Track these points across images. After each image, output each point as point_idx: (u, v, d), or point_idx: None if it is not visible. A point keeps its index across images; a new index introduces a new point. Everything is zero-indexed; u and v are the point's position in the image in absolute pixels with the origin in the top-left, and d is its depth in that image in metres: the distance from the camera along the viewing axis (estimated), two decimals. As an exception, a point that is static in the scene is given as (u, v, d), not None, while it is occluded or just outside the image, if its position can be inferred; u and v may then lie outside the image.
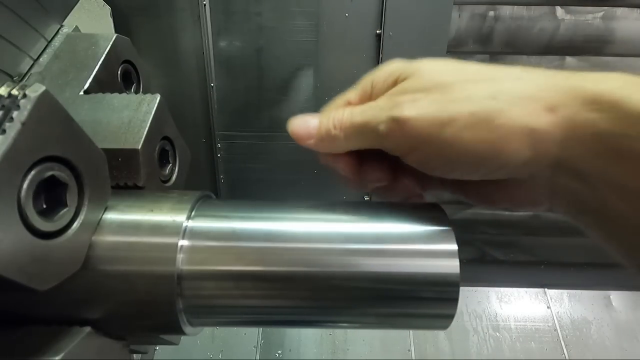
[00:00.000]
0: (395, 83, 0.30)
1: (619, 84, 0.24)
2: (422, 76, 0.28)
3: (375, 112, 0.29)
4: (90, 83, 0.36)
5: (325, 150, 0.32)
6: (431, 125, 0.26)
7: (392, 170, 0.33)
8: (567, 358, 1.18)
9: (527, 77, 0.27)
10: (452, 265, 0.27)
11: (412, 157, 0.29)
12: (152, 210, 0.29)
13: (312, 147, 0.32)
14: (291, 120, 0.33)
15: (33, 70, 0.38)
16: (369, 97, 0.32)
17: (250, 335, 1.19)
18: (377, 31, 0.94)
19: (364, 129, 0.29)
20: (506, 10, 0.95)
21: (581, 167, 0.25)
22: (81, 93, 0.36)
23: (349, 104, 0.33)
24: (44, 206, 0.24)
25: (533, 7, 0.94)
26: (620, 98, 0.23)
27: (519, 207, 0.30)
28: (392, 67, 0.31)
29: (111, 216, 0.28)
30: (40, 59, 0.39)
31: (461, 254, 0.27)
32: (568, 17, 0.94)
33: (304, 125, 0.33)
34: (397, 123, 0.27)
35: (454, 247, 0.28)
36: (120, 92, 0.37)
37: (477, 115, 0.25)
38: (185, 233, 0.28)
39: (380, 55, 0.96)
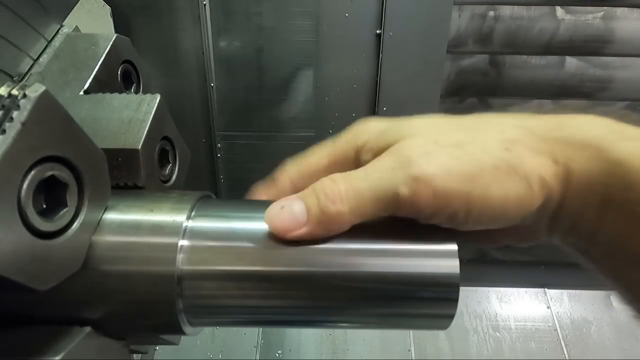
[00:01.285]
0: (392, 143, 0.27)
1: (602, 131, 0.25)
2: (427, 134, 0.27)
3: (385, 173, 0.25)
4: (90, 83, 0.36)
5: (325, 233, 0.27)
6: (459, 181, 0.25)
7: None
8: (567, 358, 1.18)
9: (528, 124, 0.27)
10: (452, 265, 0.27)
11: (437, 218, 0.26)
12: (152, 210, 0.29)
13: (306, 236, 0.27)
14: (267, 213, 0.27)
15: (33, 70, 0.38)
16: (352, 161, 0.29)
17: (250, 335, 1.19)
18: (377, 31, 0.94)
19: (379, 199, 0.25)
20: (506, 10, 0.94)
21: (576, 212, 0.26)
22: (81, 93, 0.36)
23: (324, 169, 0.29)
24: (44, 206, 0.24)
25: (533, 7, 0.94)
26: (603, 146, 0.24)
27: (519, 243, 0.31)
28: (384, 127, 0.28)
29: (111, 216, 0.28)
30: (40, 59, 0.39)
31: (461, 254, 0.27)
32: (568, 17, 0.94)
33: (287, 213, 0.27)
34: (421, 182, 0.24)
35: (454, 247, 0.28)
36: (120, 92, 0.37)
37: (500, 168, 0.25)
38: (185, 233, 0.28)
39: (380, 55, 0.96)
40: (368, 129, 0.29)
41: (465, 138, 0.26)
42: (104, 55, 0.38)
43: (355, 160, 0.29)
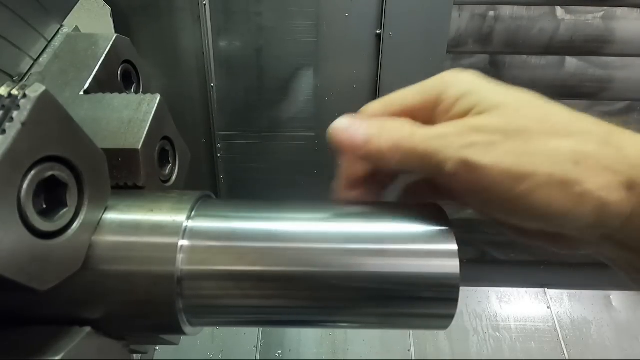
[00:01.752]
0: (468, 111, 0.27)
1: None
2: (503, 115, 0.26)
3: (444, 144, 0.26)
4: (90, 83, 0.36)
5: (367, 161, 0.30)
6: (504, 177, 0.25)
7: (430, 190, 0.32)
8: (567, 358, 1.18)
9: (614, 141, 0.25)
10: (452, 265, 0.27)
11: (471, 200, 0.27)
12: (152, 210, 0.29)
13: (355, 157, 0.29)
14: (335, 123, 0.29)
15: (33, 70, 0.38)
16: (431, 111, 0.29)
17: (250, 335, 1.19)
18: (377, 31, 0.94)
19: (425, 160, 0.27)
20: (506, 10, 0.94)
21: (633, 241, 0.25)
22: (81, 93, 0.36)
23: (404, 112, 0.30)
24: (44, 206, 0.24)
25: (533, 7, 0.94)
26: None
27: (555, 248, 0.30)
28: (468, 89, 0.28)
29: (111, 216, 0.28)
30: (40, 59, 0.39)
31: (461, 254, 0.27)
32: (568, 17, 0.94)
33: (351, 132, 0.29)
34: (468, 166, 0.25)
35: (454, 247, 0.28)
36: (120, 92, 0.37)
37: (556, 177, 0.24)
38: (185, 233, 0.28)
39: (380, 55, 0.96)
40: (459, 87, 0.29)
41: (536, 136, 0.25)
42: (104, 55, 0.38)
43: (431, 110, 0.30)
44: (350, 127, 0.29)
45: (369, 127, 0.29)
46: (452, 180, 0.26)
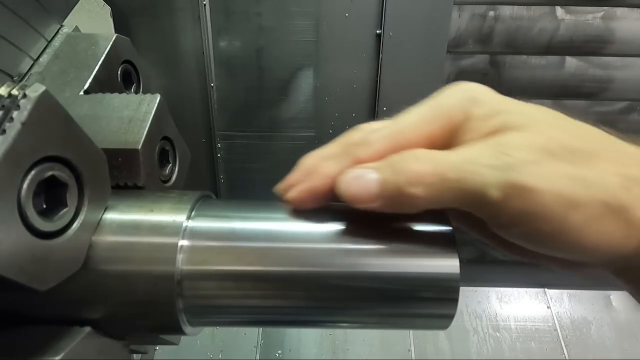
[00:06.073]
0: (499, 130, 0.24)
1: None
2: (540, 132, 0.23)
3: (480, 168, 0.22)
4: (90, 83, 0.36)
5: (394, 211, 0.25)
6: (560, 204, 0.21)
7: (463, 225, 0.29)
8: (567, 358, 1.18)
9: None
10: (452, 265, 0.27)
11: (514, 230, 0.23)
12: (152, 210, 0.29)
13: (374, 209, 0.25)
14: (341, 178, 0.25)
15: (33, 70, 0.38)
16: (455, 132, 0.25)
17: (250, 335, 1.19)
18: (377, 31, 0.94)
19: (461, 190, 0.23)
20: (506, 10, 0.94)
21: None
22: (81, 93, 0.36)
23: (419, 143, 0.25)
24: (44, 206, 0.24)
25: (533, 7, 0.94)
26: None
27: (561, 270, 0.28)
28: (498, 107, 0.24)
29: (111, 216, 0.28)
30: (40, 59, 0.39)
31: (461, 254, 0.27)
32: (568, 17, 0.94)
33: (361, 183, 0.25)
34: (518, 191, 0.22)
35: (454, 247, 0.28)
36: (120, 92, 0.37)
37: (610, 206, 0.22)
38: (185, 233, 0.28)
39: (380, 55, 0.96)
40: (476, 102, 0.25)
41: (582, 156, 0.22)
42: (104, 55, 0.38)
43: (452, 133, 0.26)
44: (361, 176, 0.25)
45: (379, 169, 0.25)
46: (499, 211, 0.22)
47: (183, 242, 0.28)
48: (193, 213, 0.29)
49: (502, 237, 0.25)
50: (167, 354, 1.14)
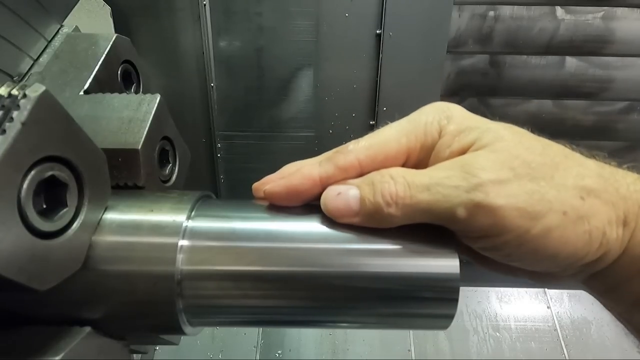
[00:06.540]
0: (469, 147, 0.26)
1: None
2: (505, 150, 0.25)
3: (448, 190, 0.25)
4: (90, 83, 0.36)
5: (374, 226, 0.27)
6: (521, 217, 0.24)
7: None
8: (567, 358, 1.18)
9: (606, 174, 0.25)
10: (452, 265, 0.27)
11: (483, 243, 0.26)
12: (152, 210, 0.29)
13: (356, 223, 0.27)
14: (324, 196, 0.28)
15: (33, 70, 0.38)
16: (426, 152, 0.28)
17: (250, 335, 1.19)
18: (377, 31, 0.94)
19: (432, 210, 0.25)
20: (506, 10, 0.94)
21: (622, 279, 0.25)
22: (81, 93, 0.36)
23: (397, 157, 0.28)
24: (44, 206, 0.24)
25: (533, 7, 0.94)
26: None
27: (538, 283, 0.30)
28: (468, 125, 0.27)
29: (111, 216, 0.28)
30: (40, 59, 0.39)
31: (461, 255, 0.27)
32: (568, 17, 0.94)
33: (342, 200, 0.27)
34: (482, 210, 0.24)
35: (453, 247, 0.28)
36: (120, 92, 0.37)
37: (569, 216, 0.24)
38: (185, 233, 0.28)
39: (380, 55, 0.96)
40: (449, 119, 0.27)
41: (542, 171, 0.25)
42: (104, 55, 0.38)
43: (429, 149, 0.28)
44: (342, 194, 0.27)
45: (360, 187, 0.27)
46: (466, 226, 0.25)
47: (183, 242, 0.28)
48: (193, 213, 0.29)
49: (476, 250, 0.27)
50: (167, 354, 1.14)
